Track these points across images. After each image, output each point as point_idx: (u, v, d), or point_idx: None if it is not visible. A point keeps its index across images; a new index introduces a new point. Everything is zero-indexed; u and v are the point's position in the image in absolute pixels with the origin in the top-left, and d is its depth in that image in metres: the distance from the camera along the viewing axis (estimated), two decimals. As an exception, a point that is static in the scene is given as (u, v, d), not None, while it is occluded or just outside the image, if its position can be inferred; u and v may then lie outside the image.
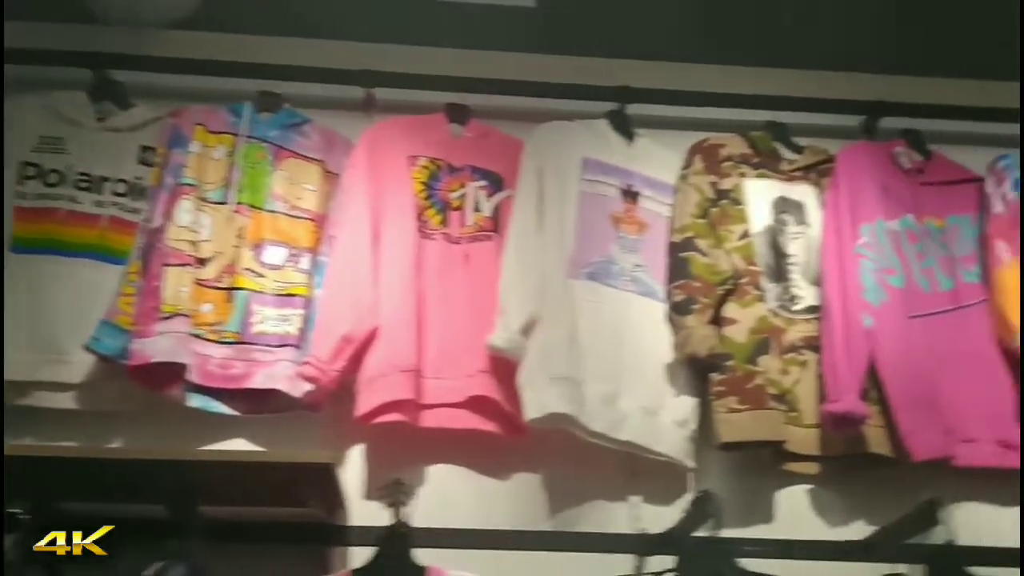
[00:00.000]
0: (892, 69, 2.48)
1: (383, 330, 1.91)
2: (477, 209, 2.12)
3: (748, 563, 1.78)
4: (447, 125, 2.23)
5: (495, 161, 2.18)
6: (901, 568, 1.78)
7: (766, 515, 2.03)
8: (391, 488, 1.58)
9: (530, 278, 1.96)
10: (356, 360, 1.91)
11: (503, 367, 1.91)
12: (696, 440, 2.01)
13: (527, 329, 1.91)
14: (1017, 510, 2.06)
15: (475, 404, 1.92)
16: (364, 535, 1.75)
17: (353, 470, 1.98)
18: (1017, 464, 2.01)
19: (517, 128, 2.25)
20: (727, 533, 1.95)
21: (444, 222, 2.09)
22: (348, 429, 1.95)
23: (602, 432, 1.90)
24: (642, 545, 1.86)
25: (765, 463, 2.01)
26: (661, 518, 1.94)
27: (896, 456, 1.95)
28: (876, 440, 1.95)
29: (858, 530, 1.98)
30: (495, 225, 2.10)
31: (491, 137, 2.24)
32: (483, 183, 2.16)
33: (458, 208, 2.12)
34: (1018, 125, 2.40)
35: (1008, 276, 2.12)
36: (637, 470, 2.00)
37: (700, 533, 1.70)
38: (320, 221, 2.09)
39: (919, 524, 1.70)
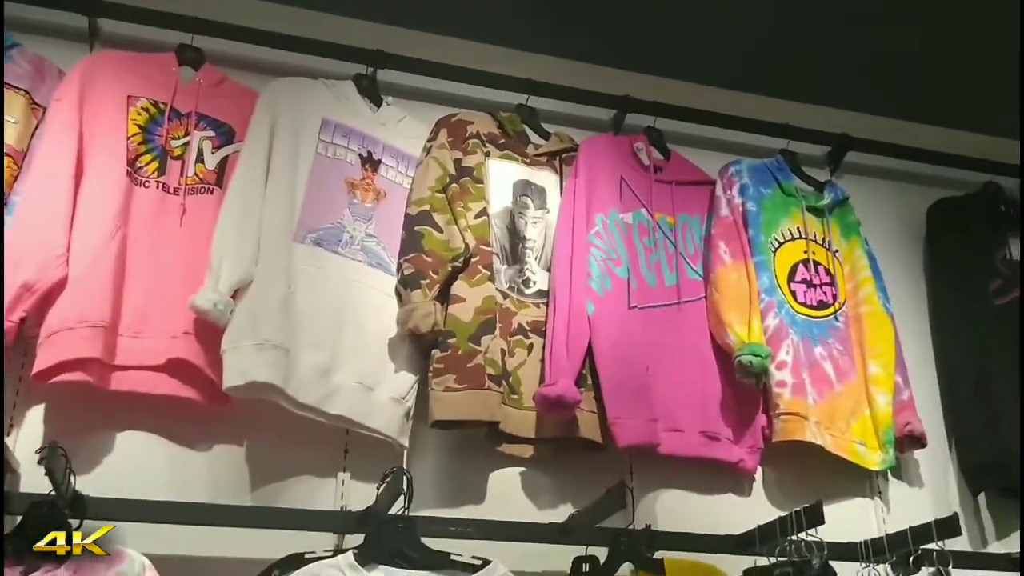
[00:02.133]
0: (642, 68, 2.54)
1: (73, 280, 1.72)
2: (200, 160, 1.98)
3: (448, 544, 1.75)
4: (177, 67, 2.06)
5: (227, 112, 2.04)
6: (594, 550, 1.80)
7: (478, 496, 2.02)
8: (47, 453, 1.42)
9: (247, 237, 1.83)
10: (43, 312, 1.72)
11: (211, 330, 1.78)
12: (414, 418, 1.97)
13: (238, 291, 1.79)
14: (715, 498, 2.17)
15: (175, 368, 1.78)
16: (22, 503, 1.56)
17: (33, 433, 1.78)
18: (718, 455, 2.11)
19: (260, 82, 2.12)
20: (440, 513, 1.94)
21: (161, 170, 1.93)
22: (30, 388, 1.76)
23: (312, 404, 1.81)
24: (342, 523, 1.78)
25: (481, 444, 1.99)
26: (372, 496, 1.87)
27: (604, 442, 1.99)
28: (587, 425, 1.99)
29: (565, 512, 1.99)
30: (218, 179, 1.96)
31: (225, 86, 2.09)
32: (211, 133, 2.01)
33: (179, 157, 1.96)
34: (748, 134, 2.54)
35: (725, 276, 2.22)
36: (349, 446, 1.93)
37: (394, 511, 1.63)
38: (19, 157, 1.88)
39: (609, 507, 1.73)
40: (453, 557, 1.53)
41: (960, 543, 2.19)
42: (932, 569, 1.83)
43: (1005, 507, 2.32)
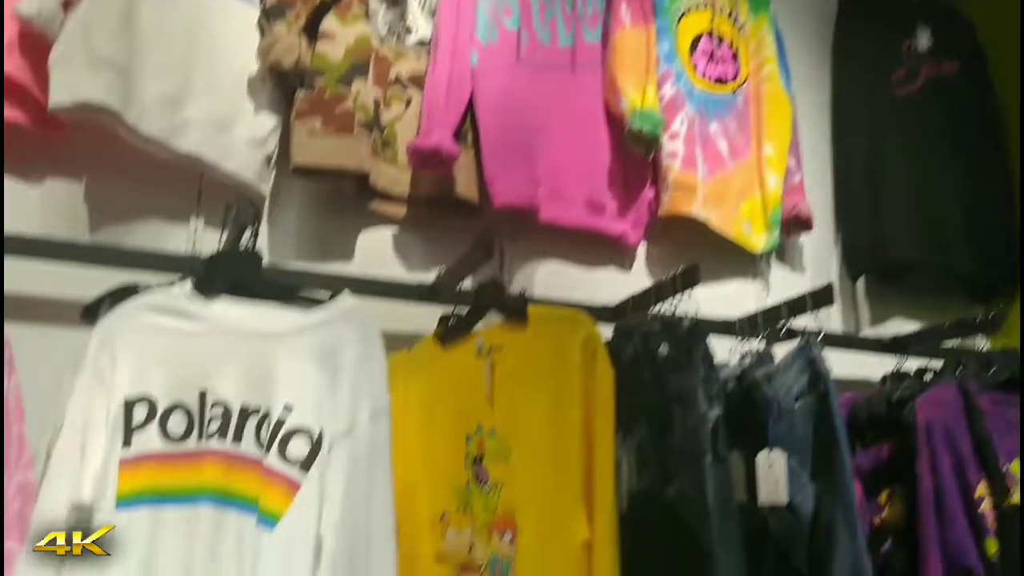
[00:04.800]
0: None
1: None
2: None
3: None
4: None
5: None
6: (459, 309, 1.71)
7: (346, 253, 1.90)
8: None
9: (81, -62, 1.59)
10: None
11: (40, 44, 1.56)
12: (277, 169, 1.82)
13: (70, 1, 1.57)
14: (595, 271, 2.10)
15: (-2, 86, 1.57)
16: None
17: None
18: (601, 226, 2.02)
19: None
20: (301, 267, 1.82)
21: None
22: None
23: (157, 138, 1.63)
24: (189, 265, 1.63)
25: (351, 200, 1.86)
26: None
27: (480, 203, 1.88)
28: (464, 184, 1.87)
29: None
30: None
31: None
32: None
33: None
34: None
35: (623, 40, 2.07)
36: (203, 190, 1.77)
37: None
38: None
39: (477, 259, 1.62)
40: (301, 293, 1.41)
41: (834, 327, 2.22)
42: (801, 341, 1.80)
43: (881, 294, 2.33)
